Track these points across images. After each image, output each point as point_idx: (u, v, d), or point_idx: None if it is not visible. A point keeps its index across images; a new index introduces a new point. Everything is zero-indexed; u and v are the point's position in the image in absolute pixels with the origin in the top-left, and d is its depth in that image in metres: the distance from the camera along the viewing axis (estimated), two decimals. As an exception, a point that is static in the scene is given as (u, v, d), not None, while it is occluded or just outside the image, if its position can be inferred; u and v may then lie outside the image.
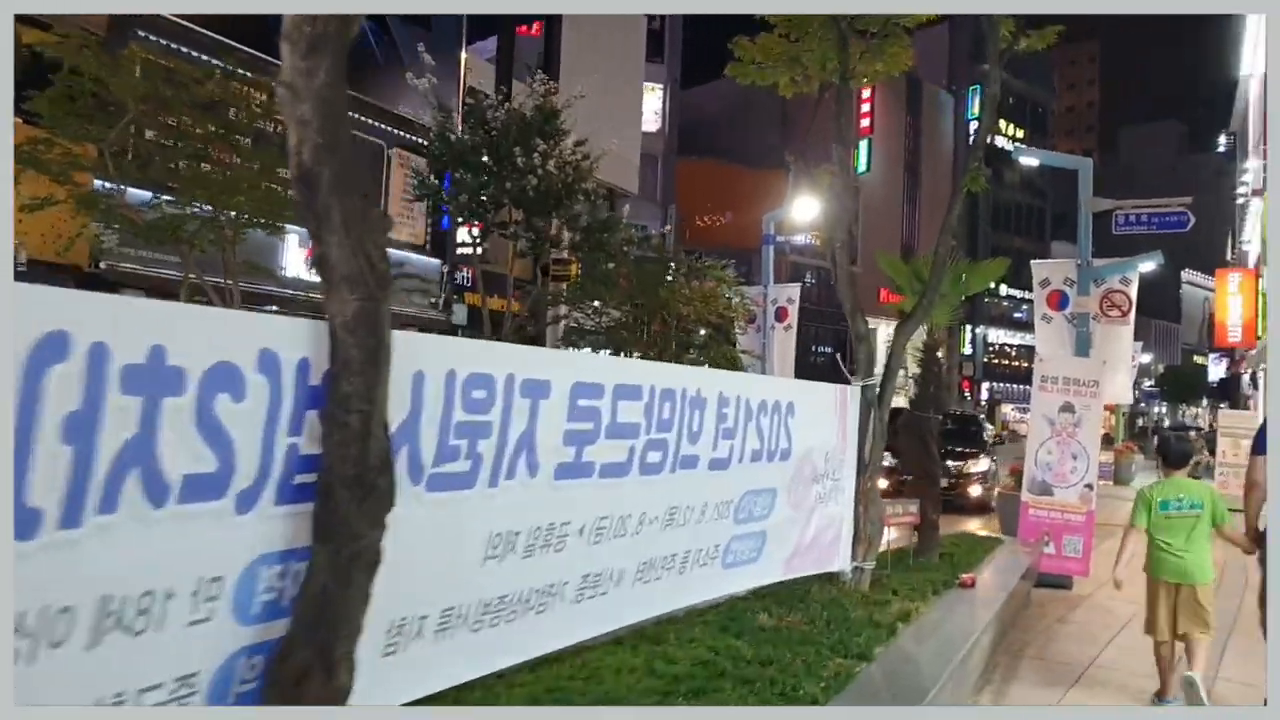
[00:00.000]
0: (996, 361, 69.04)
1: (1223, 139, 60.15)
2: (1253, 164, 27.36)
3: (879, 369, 6.52)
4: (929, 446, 7.69)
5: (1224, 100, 54.26)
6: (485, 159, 12.85)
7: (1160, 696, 5.82)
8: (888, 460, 7.48)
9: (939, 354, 7.71)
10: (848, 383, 5.84)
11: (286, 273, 15.18)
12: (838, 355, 56.11)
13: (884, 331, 61.77)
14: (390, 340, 2.46)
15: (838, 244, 6.67)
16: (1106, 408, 43.65)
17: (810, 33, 6.78)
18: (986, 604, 6.59)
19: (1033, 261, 15.39)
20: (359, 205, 2.41)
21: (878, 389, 6.13)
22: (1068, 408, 9.92)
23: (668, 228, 38.59)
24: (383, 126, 17.47)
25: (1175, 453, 5.93)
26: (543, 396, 3.32)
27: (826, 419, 5.69)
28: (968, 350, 67.37)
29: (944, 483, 10.69)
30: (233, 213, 8.88)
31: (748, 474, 4.84)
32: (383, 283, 2.43)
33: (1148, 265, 14.56)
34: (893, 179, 61.84)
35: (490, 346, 3.68)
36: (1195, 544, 5.63)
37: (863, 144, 58.57)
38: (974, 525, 13.58)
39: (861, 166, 58.69)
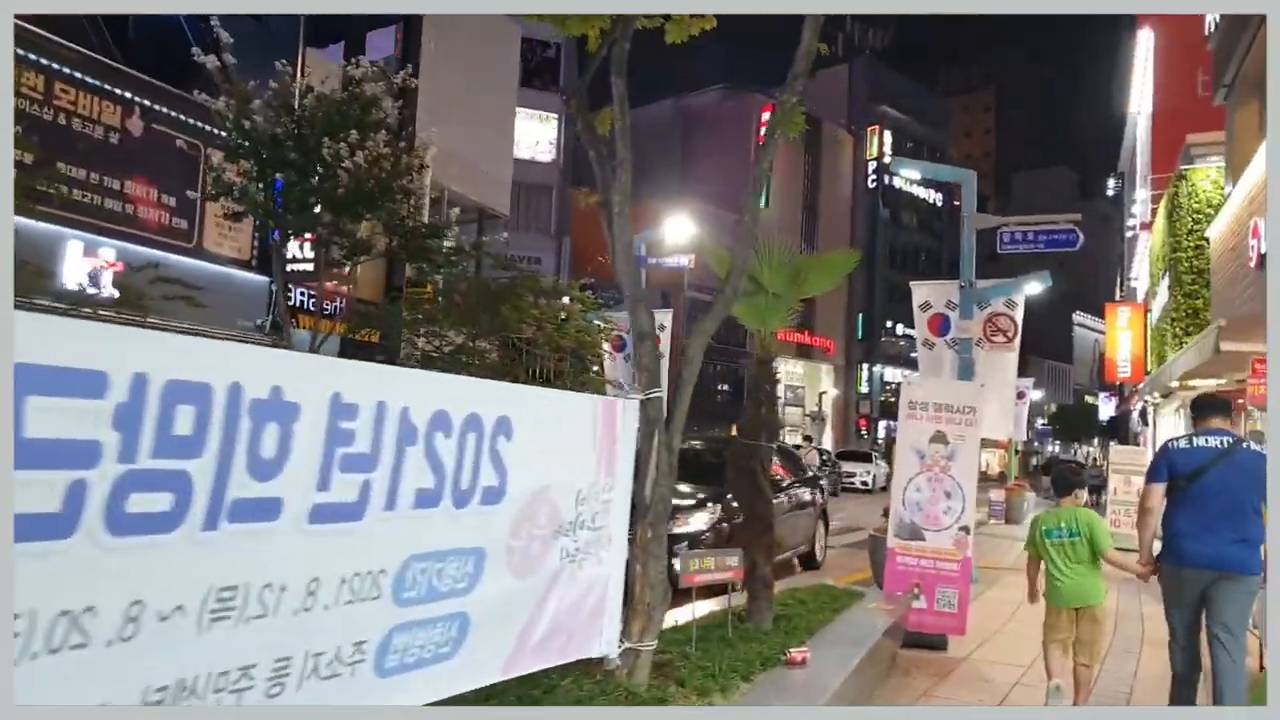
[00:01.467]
0: (894, 400, 69.07)
1: (1111, 182, 61.54)
2: (1140, 195, 27.12)
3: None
4: (759, 482, 6.13)
5: (1112, 146, 55.47)
6: (292, 155, 11.04)
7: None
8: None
9: (774, 370, 6.17)
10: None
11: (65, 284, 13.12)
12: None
13: (784, 369, 61.26)
14: None
15: (616, 210, 5.10)
16: (999, 445, 43.69)
17: None
18: (819, 690, 5.03)
19: (912, 283, 14.20)
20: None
21: (665, 406, 4.54)
22: (939, 438, 8.52)
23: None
24: (201, 125, 15.54)
25: (1060, 482, 6.37)
26: None
27: (577, 444, 4.04)
28: (864, 389, 67.21)
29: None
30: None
31: (412, 528, 3.15)
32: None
33: (1034, 287, 13.46)
34: (791, 216, 61.49)
35: None
36: (1076, 569, 5.88)
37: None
38: (837, 575, 12.13)
39: (759, 202, 58.16)
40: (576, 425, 4.02)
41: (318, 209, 11.44)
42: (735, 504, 6.35)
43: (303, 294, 18.77)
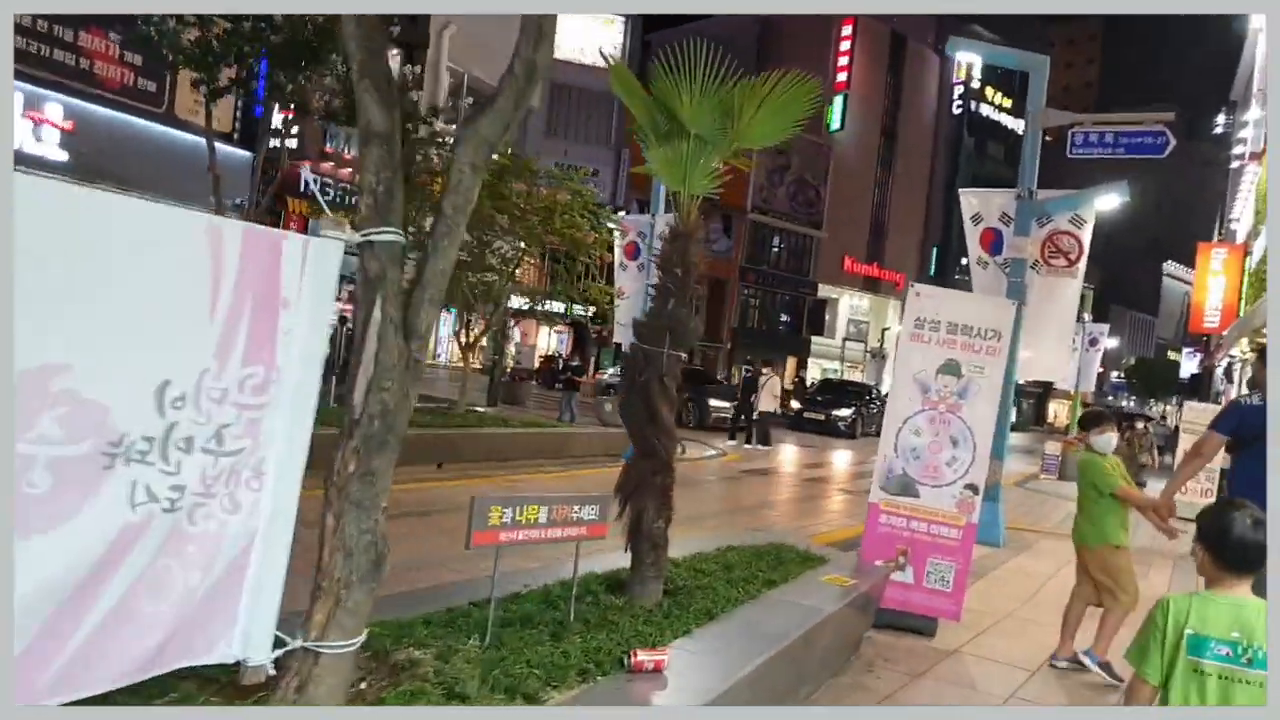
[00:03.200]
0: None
1: (1221, 119, 56.79)
2: (1252, 115, 23.96)
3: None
4: (655, 404, 4.33)
5: (1219, 86, 50.76)
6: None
7: (1054, 655, 6.16)
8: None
9: (690, 250, 4.33)
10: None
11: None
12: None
13: (848, 303, 58.66)
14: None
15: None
16: (1063, 395, 40.88)
17: None
18: (666, 716, 3.31)
19: (961, 190, 12.03)
20: None
21: (394, 254, 2.74)
22: (950, 368, 6.58)
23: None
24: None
25: (1086, 417, 6.50)
26: None
27: (168, 298, 2.31)
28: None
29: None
30: None
31: None
32: None
33: (1108, 201, 11.20)
34: (868, 139, 58.16)
35: None
36: (1083, 509, 6.07)
37: (837, 99, 54.85)
38: (829, 530, 10.33)
39: (834, 124, 55.02)
40: (168, 266, 2.25)
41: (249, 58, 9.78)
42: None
43: (318, 179, 17.13)
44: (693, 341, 4.39)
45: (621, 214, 16.27)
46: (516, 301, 36.19)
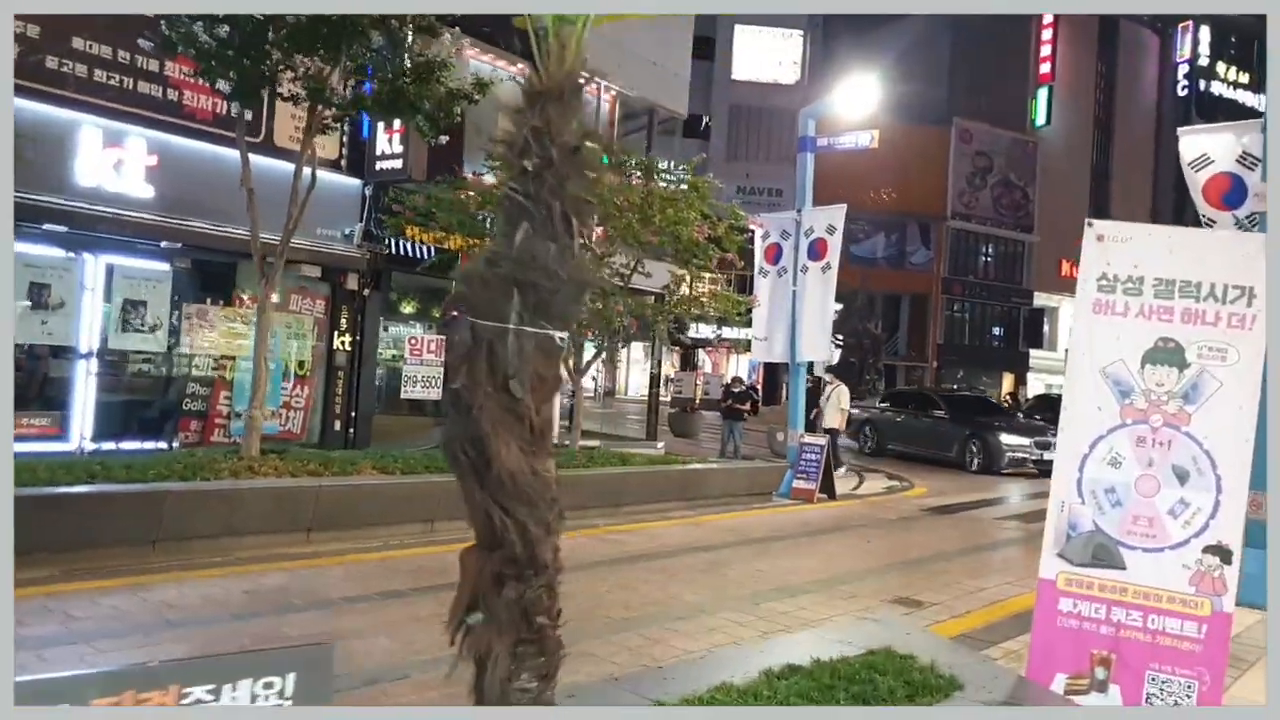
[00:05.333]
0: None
1: None
2: None
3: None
4: (487, 444, 2.13)
5: None
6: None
7: None
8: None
9: (560, 127, 2.10)
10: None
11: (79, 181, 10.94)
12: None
13: (1070, 311, 53.08)
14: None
15: None
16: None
17: None
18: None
19: (1180, 131, 9.05)
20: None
21: None
22: (1166, 354, 3.99)
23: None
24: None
25: None
26: None
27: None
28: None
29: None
30: None
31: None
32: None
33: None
34: (1080, 134, 52.73)
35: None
36: None
37: (1041, 92, 50.02)
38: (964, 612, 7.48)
39: (1040, 119, 50.14)
40: None
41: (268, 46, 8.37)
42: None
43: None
44: (579, 313, 2.21)
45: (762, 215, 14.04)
46: (705, 330, 34.59)
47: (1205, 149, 8.30)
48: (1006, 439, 18.13)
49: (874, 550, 9.42)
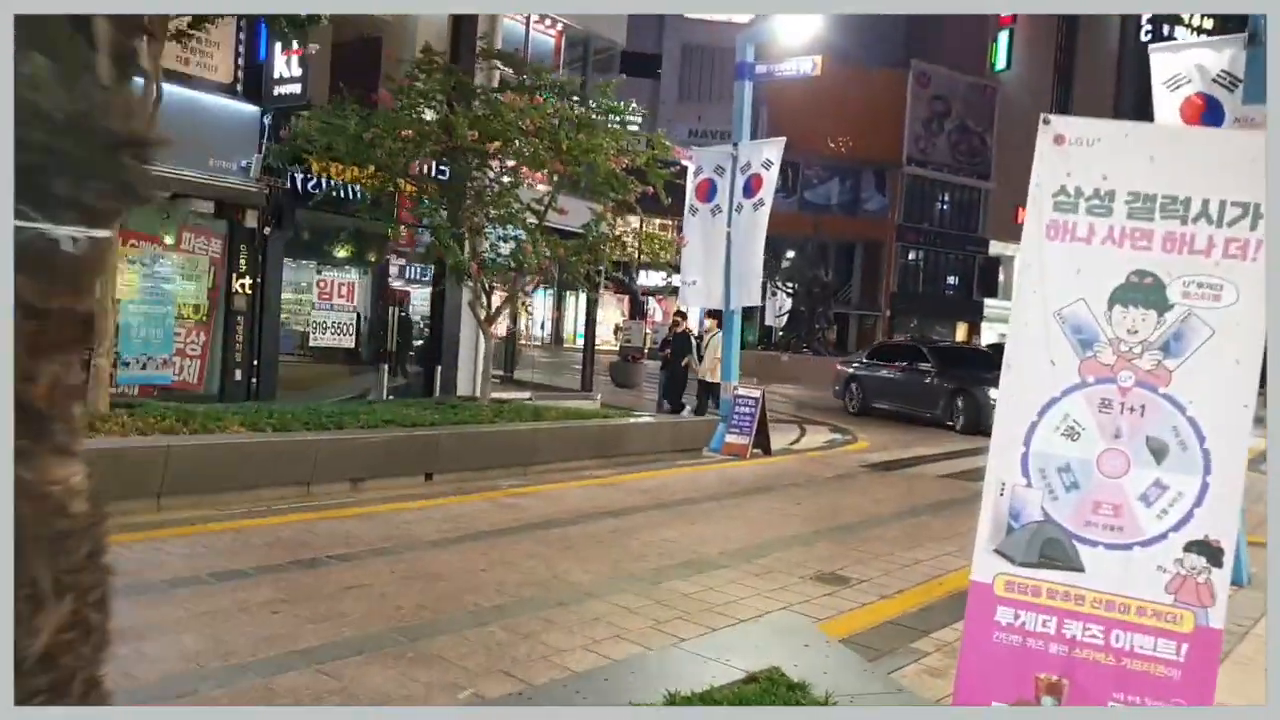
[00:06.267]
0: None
1: None
2: None
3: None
4: None
5: None
6: None
7: None
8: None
9: None
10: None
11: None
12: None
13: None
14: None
15: None
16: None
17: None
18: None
19: (1152, 48, 8.08)
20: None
21: None
22: (1141, 290, 3.04)
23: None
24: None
25: None
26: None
27: None
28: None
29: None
30: None
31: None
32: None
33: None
34: (1040, 79, 51.86)
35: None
36: None
37: (1002, 35, 49.01)
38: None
39: (1000, 62, 49.19)
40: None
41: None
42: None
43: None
44: (124, 196, 1.16)
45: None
46: (656, 277, 33.29)
47: (1180, 68, 7.33)
48: (995, 394, 16.94)
49: (802, 513, 8.54)
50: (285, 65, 12.89)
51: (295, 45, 12.67)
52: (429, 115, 9.10)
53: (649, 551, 6.61)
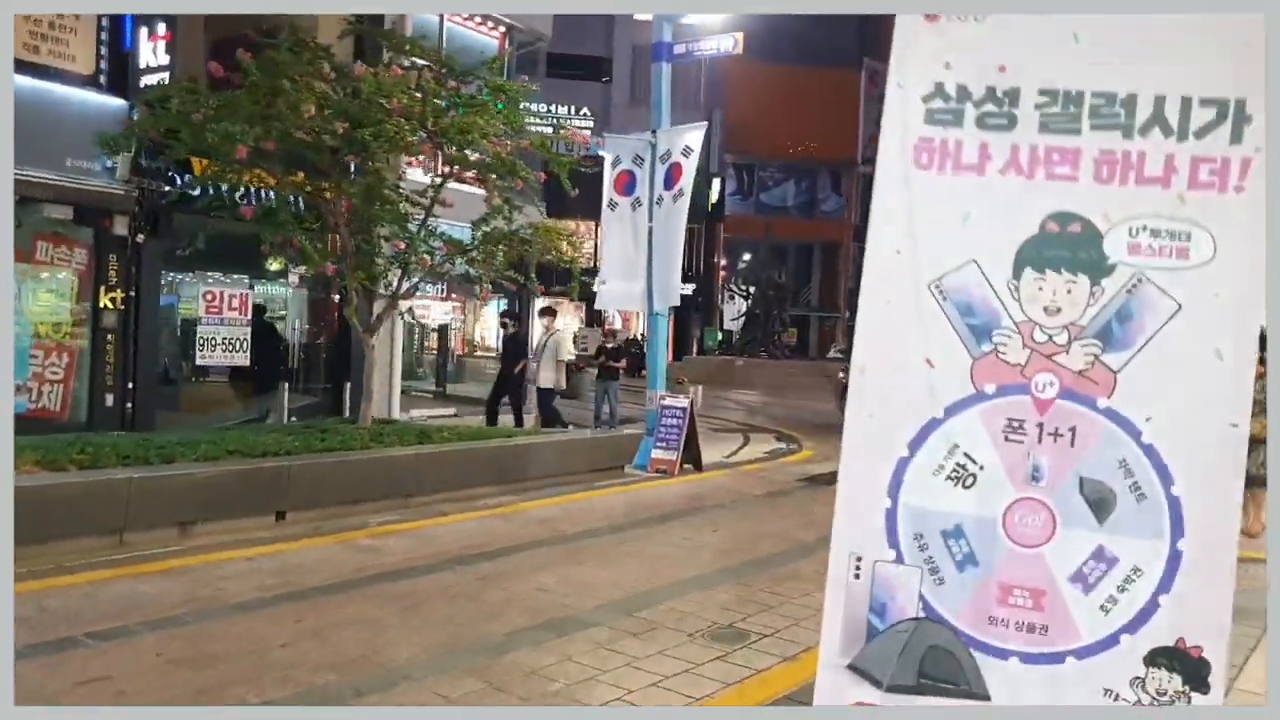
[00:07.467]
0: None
1: None
2: None
3: None
4: None
5: None
6: None
7: None
8: None
9: None
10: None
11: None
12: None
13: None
14: None
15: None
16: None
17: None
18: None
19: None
20: None
21: None
22: (1072, 240, 1.90)
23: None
24: None
25: None
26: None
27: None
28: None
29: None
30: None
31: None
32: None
33: None
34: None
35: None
36: None
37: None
38: None
39: None
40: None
41: None
42: None
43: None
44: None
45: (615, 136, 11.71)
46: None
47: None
48: None
49: (715, 544, 7.36)
50: (151, 52, 11.67)
51: (163, 30, 11.50)
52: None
53: (510, 608, 5.40)
